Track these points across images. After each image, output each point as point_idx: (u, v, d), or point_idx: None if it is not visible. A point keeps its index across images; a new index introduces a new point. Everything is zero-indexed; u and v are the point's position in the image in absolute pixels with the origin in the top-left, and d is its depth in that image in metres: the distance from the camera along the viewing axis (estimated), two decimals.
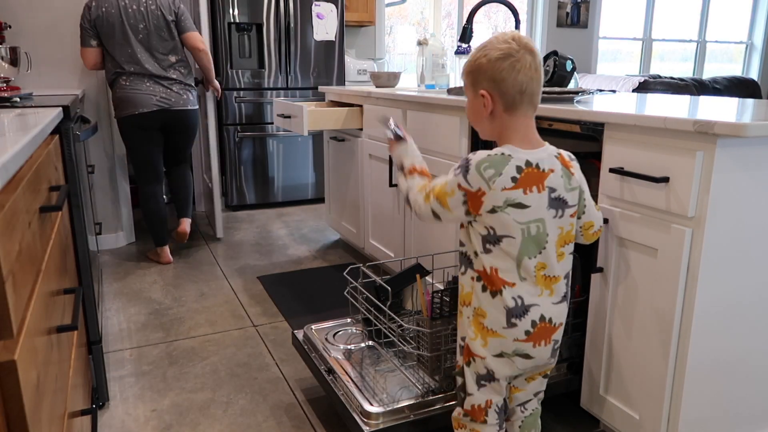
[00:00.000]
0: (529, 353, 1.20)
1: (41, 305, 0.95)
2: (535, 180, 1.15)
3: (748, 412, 1.46)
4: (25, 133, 1.07)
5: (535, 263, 1.17)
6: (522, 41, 1.15)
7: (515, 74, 1.14)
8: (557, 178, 1.17)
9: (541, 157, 1.17)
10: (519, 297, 1.17)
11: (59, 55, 3.04)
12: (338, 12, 4.19)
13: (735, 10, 6.61)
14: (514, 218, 1.14)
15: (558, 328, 1.22)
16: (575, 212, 1.21)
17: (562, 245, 1.20)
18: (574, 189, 1.20)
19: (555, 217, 1.18)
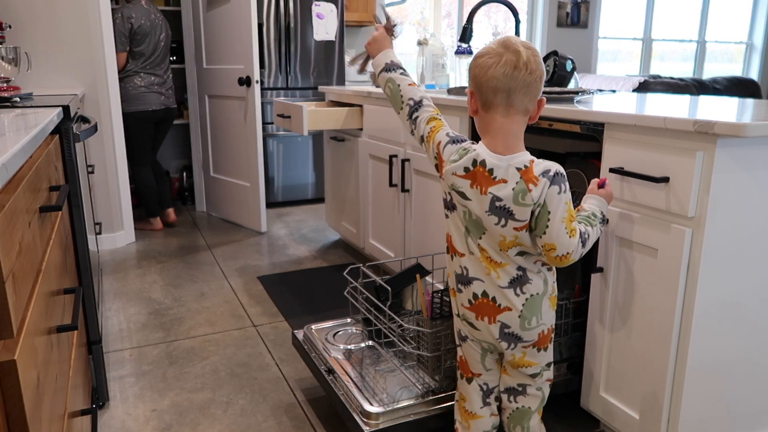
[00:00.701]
0: (473, 324, 1.27)
1: (41, 305, 0.95)
2: (482, 181, 1.17)
3: (748, 411, 1.46)
4: (25, 133, 1.07)
5: (477, 243, 1.22)
6: (509, 42, 1.16)
7: (486, 70, 1.15)
8: (507, 190, 1.15)
9: (497, 164, 1.16)
10: (464, 267, 1.25)
11: (59, 55, 3.04)
12: (338, 12, 4.19)
13: (735, 10, 6.61)
14: (456, 200, 1.23)
15: (504, 311, 1.22)
16: (522, 227, 1.16)
17: (506, 249, 1.20)
18: (526, 206, 1.14)
19: (497, 224, 1.18)
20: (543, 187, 1.14)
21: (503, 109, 1.17)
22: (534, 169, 1.15)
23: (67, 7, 3.00)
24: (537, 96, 1.18)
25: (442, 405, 1.51)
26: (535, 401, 1.35)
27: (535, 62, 1.14)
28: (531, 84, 1.15)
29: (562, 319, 1.67)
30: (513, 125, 1.18)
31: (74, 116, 1.84)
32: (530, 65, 1.14)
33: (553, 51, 2.35)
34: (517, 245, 1.19)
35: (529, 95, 1.16)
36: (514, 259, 1.21)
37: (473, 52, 2.76)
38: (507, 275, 1.21)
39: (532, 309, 1.22)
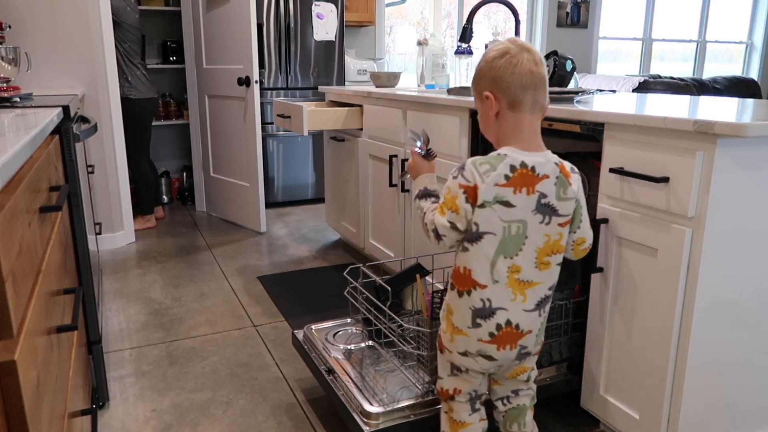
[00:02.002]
0: (492, 355, 1.22)
1: (41, 305, 0.95)
2: (527, 182, 1.15)
3: (749, 411, 1.46)
4: (25, 133, 1.07)
5: (509, 264, 1.17)
6: (518, 42, 1.18)
7: (513, 68, 1.15)
8: (550, 185, 1.16)
9: (538, 161, 1.16)
10: (488, 299, 1.18)
11: (59, 55, 3.04)
12: (338, 12, 4.19)
13: (735, 10, 6.61)
14: (499, 215, 1.15)
15: (526, 334, 1.21)
16: (566, 222, 1.19)
17: (548, 254, 1.19)
18: (568, 199, 1.18)
19: (541, 223, 1.17)
20: (577, 181, 1.20)
21: (530, 107, 1.17)
22: (566, 166, 1.20)
23: (67, 7, 3.00)
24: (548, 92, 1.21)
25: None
26: (528, 398, 1.37)
27: (542, 59, 1.18)
28: (545, 81, 1.18)
29: (562, 319, 1.67)
30: (538, 122, 1.20)
31: (74, 116, 1.84)
32: (542, 62, 1.17)
33: (553, 51, 2.35)
34: (560, 250, 1.21)
35: (545, 92, 1.19)
36: (552, 271, 1.21)
37: (473, 52, 2.76)
38: (535, 296, 1.20)
39: (544, 325, 1.27)
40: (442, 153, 2.18)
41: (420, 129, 1.53)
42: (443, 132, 2.15)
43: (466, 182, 1.16)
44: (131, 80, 3.50)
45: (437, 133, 2.19)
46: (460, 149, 2.07)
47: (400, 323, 1.61)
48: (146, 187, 3.71)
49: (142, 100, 3.56)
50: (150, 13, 4.22)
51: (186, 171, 4.44)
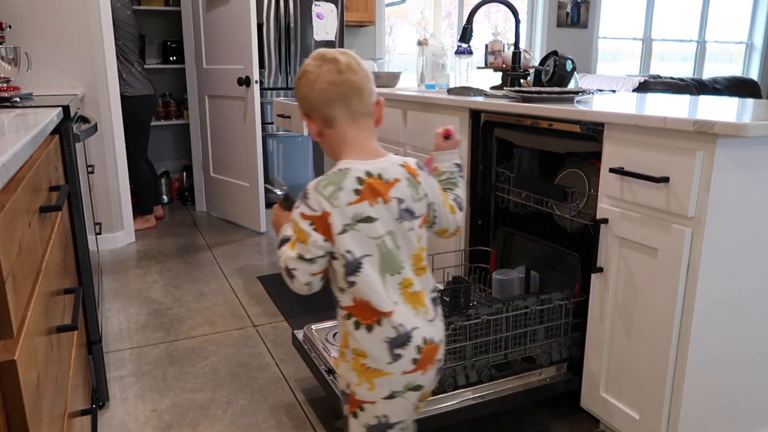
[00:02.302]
0: (419, 383, 1.07)
1: (41, 305, 0.95)
2: (381, 190, 1.05)
3: (749, 411, 1.46)
4: (25, 133, 1.07)
5: (399, 280, 1.06)
6: (324, 54, 1.09)
7: (311, 87, 1.07)
8: (404, 188, 1.07)
9: (382, 166, 1.07)
10: (400, 324, 1.04)
11: (59, 55, 3.04)
12: (338, 12, 4.19)
13: (735, 10, 6.61)
14: (366, 234, 1.03)
15: (440, 346, 1.09)
16: (424, 222, 1.10)
17: (422, 258, 1.10)
18: (420, 199, 1.09)
19: (409, 230, 1.07)
20: (425, 177, 1.12)
21: (347, 119, 1.08)
22: (410, 164, 1.11)
23: (67, 7, 3.00)
24: (372, 95, 1.11)
25: (442, 405, 1.51)
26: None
27: (356, 63, 1.08)
28: (360, 84, 1.08)
29: (562, 319, 1.67)
30: (368, 128, 1.12)
31: (74, 116, 1.84)
32: (353, 66, 1.07)
33: (553, 51, 2.35)
34: (425, 249, 1.11)
35: (363, 95, 1.09)
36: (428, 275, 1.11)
37: (473, 52, 2.76)
38: (431, 302, 1.10)
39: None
40: None
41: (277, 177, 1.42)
42: None
43: (312, 212, 1.03)
44: (126, 78, 3.48)
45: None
46: (460, 149, 2.06)
47: None
48: (145, 187, 3.71)
49: (139, 97, 3.54)
50: (150, 13, 4.22)
51: (186, 171, 4.44)
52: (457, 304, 1.54)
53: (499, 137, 2.01)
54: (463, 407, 1.53)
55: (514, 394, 1.59)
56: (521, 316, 1.62)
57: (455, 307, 1.54)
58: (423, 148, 2.33)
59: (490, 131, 2.02)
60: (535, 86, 2.43)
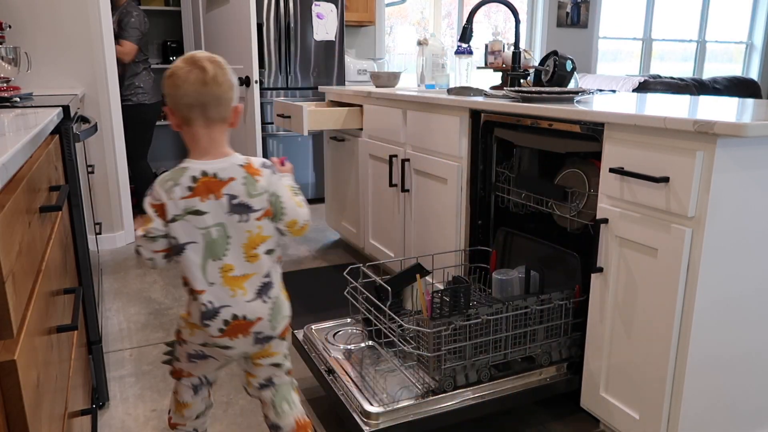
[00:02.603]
0: (228, 345, 1.29)
1: (41, 305, 0.95)
2: (213, 188, 1.23)
3: (749, 411, 1.46)
4: (25, 133, 1.07)
5: (220, 265, 1.25)
6: (195, 58, 1.23)
7: (176, 90, 1.22)
8: (238, 186, 1.24)
9: (220, 167, 1.24)
10: (209, 302, 1.25)
11: (59, 55, 3.04)
12: (338, 12, 4.19)
13: (735, 10, 6.61)
14: (194, 224, 1.23)
15: (257, 322, 1.28)
16: (263, 215, 1.27)
17: (254, 247, 1.27)
18: (259, 195, 1.25)
19: (240, 222, 1.25)
20: (267, 176, 1.28)
21: (203, 122, 1.24)
22: (254, 164, 1.28)
23: (67, 7, 3.00)
24: (231, 104, 1.27)
25: (442, 405, 1.51)
26: (287, 382, 1.41)
27: (222, 75, 1.23)
28: (221, 96, 1.24)
29: (562, 319, 1.67)
30: (215, 134, 1.27)
31: (74, 116, 1.84)
32: (218, 78, 1.22)
33: (553, 51, 2.35)
34: (264, 240, 1.28)
35: (221, 106, 1.24)
36: (263, 262, 1.27)
37: (473, 52, 2.76)
38: (252, 287, 1.27)
39: (278, 309, 1.31)
40: (441, 153, 2.19)
41: None
42: (443, 132, 2.15)
43: (155, 201, 1.24)
44: (143, 85, 3.56)
45: (437, 133, 2.19)
46: (460, 149, 2.07)
47: (400, 323, 1.61)
48: (147, 187, 3.73)
49: (155, 104, 3.62)
50: (150, 13, 4.22)
51: None
52: (457, 304, 1.54)
53: (499, 137, 2.01)
54: (463, 407, 1.53)
55: (514, 394, 1.59)
56: (521, 316, 1.62)
57: (455, 307, 1.54)
58: (423, 148, 2.33)
59: (490, 131, 2.02)
60: (535, 86, 2.43)
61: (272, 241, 1.30)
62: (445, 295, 1.57)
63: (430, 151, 2.27)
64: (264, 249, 1.28)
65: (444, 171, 2.17)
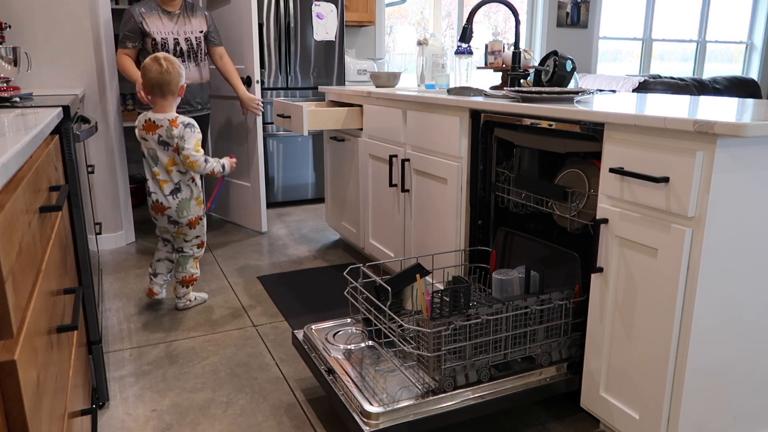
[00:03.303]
0: (155, 219, 2.41)
1: (41, 305, 0.95)
2: (151, 128, 2.30)
3: (748, 411, 1.46)
4: (25, 133, 1.07)
5: (154, 170, 2.33)
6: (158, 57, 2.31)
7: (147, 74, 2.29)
8: (163, 131, 2.28)
9: (158, 117, 2.30)
10: (148, 187, 2.37)
11: (59, 55, 3.04)
12: (338, 12, 4.19)
13: (735, 10, 6.61)
14: (144, 146, 2.34)
15: (168, 209, 2.35)
16: (175, 149, 2.30)
17: (171, 165, 2.32)
18: (172, 138, 2.28)
19: (164, 150, 2.31)
20: (181, 128, 2.28)
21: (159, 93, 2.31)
22: (177, 120, 2.29)
23: (67, 7, 3.00)
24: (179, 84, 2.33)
25: (442, 405, 1.51)
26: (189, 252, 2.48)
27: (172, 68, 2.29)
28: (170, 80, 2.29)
29: (562, 319, 1.67)
30: (166, 101, 2.33)
31: (74, 116, 1.84)
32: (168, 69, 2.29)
33: (553, 51, 2.35)
34: (175, 164, 2.32)
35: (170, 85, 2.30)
36: (173, 176, 2.33)
37: (473, 52, 2.76)
38: (168, 188, 2.33)
39: (182, 206, 2.36)
40: (441, 153, 2.19)
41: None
42: (443, 132, 2.15)
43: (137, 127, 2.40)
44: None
45: (437, 133, 2.19)
46: (460, 149, 2.07)
47: (400, 323, 1.61)
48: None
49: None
50: None
51: None
52: (457, 304, 1.54)
53: (499, 137, 2.01)
54: (463, 407, 1.53)
55: (514, 394, 1.59)
56: (521, 316, 1.62)
57: (455, 307, 1.54)
58: (423, 148, 2.33)
59: (490, 131, 2.02)
60: (535, 86, 2.42)
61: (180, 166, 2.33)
62: (445, 295, 1.57)
63: (430, 151, 2.27)
64: (178, 168, 2.33)
65: (444, 171, 2.17)
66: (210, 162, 2.33)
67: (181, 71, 2.28)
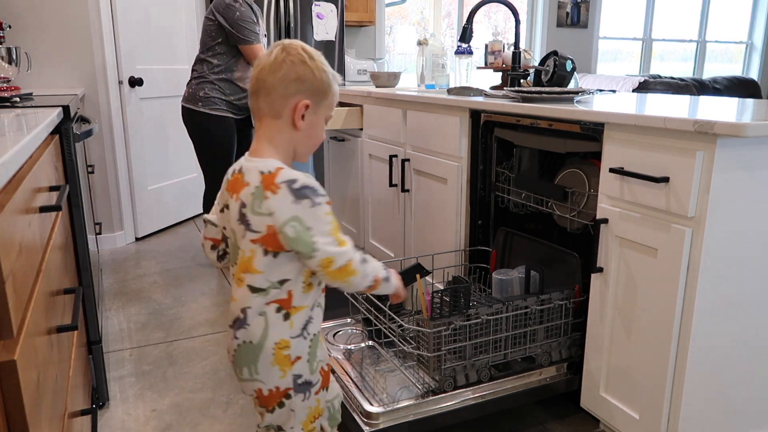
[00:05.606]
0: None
1: (41, 305, 0.95)
2: (236, 187, 1.08)
3: (748, 411, 1.46)
4: (25, 133, 1.07)
5: (233, 271, 1.12)
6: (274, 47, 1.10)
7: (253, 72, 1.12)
8: (248, 194, 1.05)
9: (249, 167, 1.08)
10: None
11: (59, 55, 3.04)
12: (338, 12, 4.19)
13: (735, 10, 6.61)
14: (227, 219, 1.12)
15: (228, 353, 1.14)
16: (258, 240, 1.04)
17: (243, 271, 1.07)
18: (261, 215, 1.03)
19: (243, 237, 1.06)
20: (283, 196, 1.02)
21: (255, 113, 1.12)
22: (278, 177, 1.04)
23: (67, 7, 3.00)
24: (283, 98, 1.08)
25: (442, 405, 1.51)
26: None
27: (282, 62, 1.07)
28: (272, 84, 1.07)
29: (562, 319, 1.67)
30: (262, 128, 1.11)
31: (74, 116, 1.84)
32: (274, 66, 1.07)
33: (553, 51, 2.35)
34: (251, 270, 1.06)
35: (270, 96, 1.08)
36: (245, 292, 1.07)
37: (473, 52, 2.76)
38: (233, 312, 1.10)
39: (244, 359, 1.10)
40: (441, 153, 2.19)
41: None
42: (443, 132, 2.15)
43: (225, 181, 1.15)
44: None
45: (437, 133, 2.19)
46: (460, 149, 2.07)
47: (400, 323, 1.61)
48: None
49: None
50: None
51: None
52: (457, 304, 1.54)
53: (499, 137, 2.01)
54: (463, 407, 1.53)
55: (514, 394, 1.59)
56: (521, 316, 1.62)
57: (455, 307, 1.54)
58: (423, 148, 2.33)
59: (490, 131, 2.02)
60: (535, 86, 2.43)
61: (260, 279, 1.06)
62: (445, 295, 1.57)
63: (430, 151, 2.27)
64: (250, 281, 1.06)
65: (444, 171, 2.17)
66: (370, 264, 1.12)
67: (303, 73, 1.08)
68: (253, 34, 2.73)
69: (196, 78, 2.84)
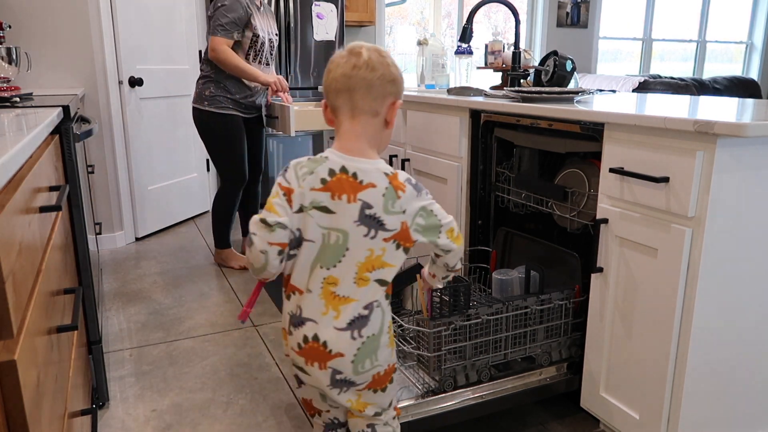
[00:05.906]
0: (304, 368, 1.14)
1: (41, 305, 0.95)
2: (347, 188, 1.09)
3: (748, 412, 1.46)
4: (25, 133, 1.07)
5: (325, 275, 1.10)
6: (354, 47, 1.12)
7: (328, 74, 1.12)
8: (377, 195, 1.09)
9: (361, 167, 1.10)
10: (299, 307, 1.13)
11: (59, 55, 3.04)
12: (338, 12, 4.19)
13: (735, 10, 6.61)
14: (317, 221, 1.09)
15: (336, 357, 1.10)
16: (391, 237, 1.11)
17: (369, 270, 1.11)
18: (395, 213, 1.10)
19: (366, 236, 1.09)
20: (410, 193, 1.13)
21: (348, 111, 1.12)
22: (399, 176, 1.13)
23: (66, 7, 3.00)
24: (385, 96, 1.12)
25: (442, 405, 1.51)
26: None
27: (378, 61, 1.10)
28: (372, 82, 1.09)
29: (562, 319, 1.67)
30: (359, 127, 1.12)
31: (74, 116, 1.84)
32: (372, 63, 1.09)
33: (553, 51, 2.35)
34: (382, 266, 1.11)
35: (372, 94, 1.10)
36: (371, 289, 1.11)
37: (473, 52, 2.76)
38: (348, 314, 1.10)
39: (367, 352, 1.12)
40: (441, 153, 2.19)
41: None
42: (443, 132, 2.15)
43: (287, 183, 1.12)
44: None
45: (437, 133, 2.19)
46: (460, 149, 2.07)
47: (400, 323, 1.61)
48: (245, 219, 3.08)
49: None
50: None
51: None
52: (457, 304, 1.54)
53: (499, 137, 2.01)
54: (463, 407, 1.53)
55: (514, 394, 1.59)
56: (521, 316, 1.62)
57: (455, 307, 1.54)
58: (423, 148, 2.33)
59: (490, 131, 2.02)
60: (535, 86, 2.43)
61: (389, 272, 1.12)
62: (445, 295, 1.57)
63: (430, 151, 2.27)
64: (378, 275, 1.11)
65: (444, 171, 2.17)
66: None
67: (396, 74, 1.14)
68: (222, 28, 2.64)
69: (202, 77, 2.83)
